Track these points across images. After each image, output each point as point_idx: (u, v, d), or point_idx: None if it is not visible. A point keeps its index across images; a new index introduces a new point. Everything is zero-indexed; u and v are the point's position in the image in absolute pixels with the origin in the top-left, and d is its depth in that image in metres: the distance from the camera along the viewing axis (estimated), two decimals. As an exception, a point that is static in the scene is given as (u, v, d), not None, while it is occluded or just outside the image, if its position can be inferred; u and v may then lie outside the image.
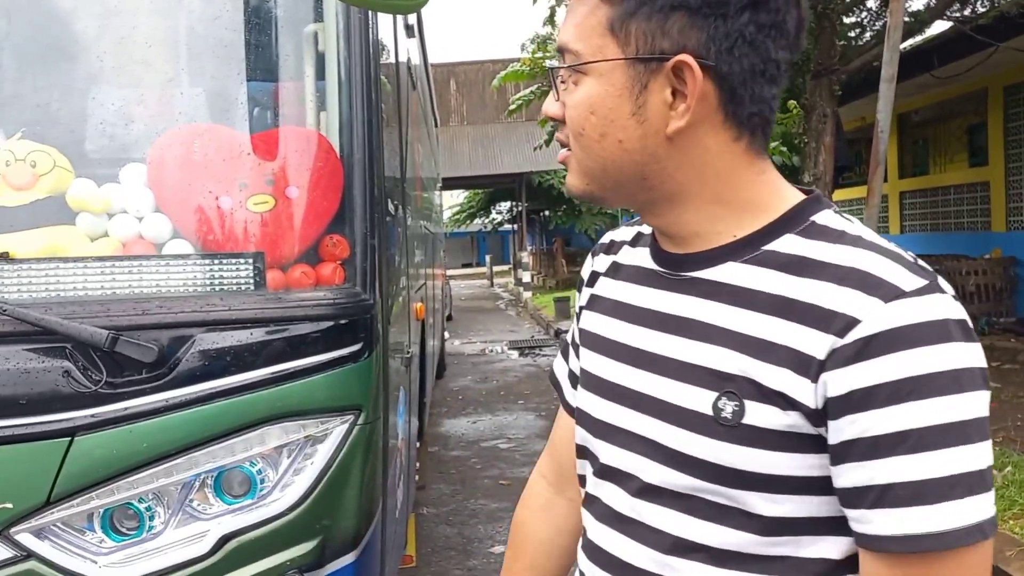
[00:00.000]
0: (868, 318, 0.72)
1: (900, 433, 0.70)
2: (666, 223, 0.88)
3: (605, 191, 0.88)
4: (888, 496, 0.71)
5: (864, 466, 0.72)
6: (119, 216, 2.00)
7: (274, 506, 1.95)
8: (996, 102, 9.34)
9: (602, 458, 0.93)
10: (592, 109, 0.82)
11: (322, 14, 2.17)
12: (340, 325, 2.03)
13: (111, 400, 1.85)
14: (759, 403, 0.77)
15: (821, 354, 0.74)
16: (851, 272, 0.75)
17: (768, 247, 0.82)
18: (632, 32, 0.79)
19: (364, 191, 2.11)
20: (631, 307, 0.93)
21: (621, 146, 0.82)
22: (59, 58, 2.15)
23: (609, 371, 0.93)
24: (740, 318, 0.80)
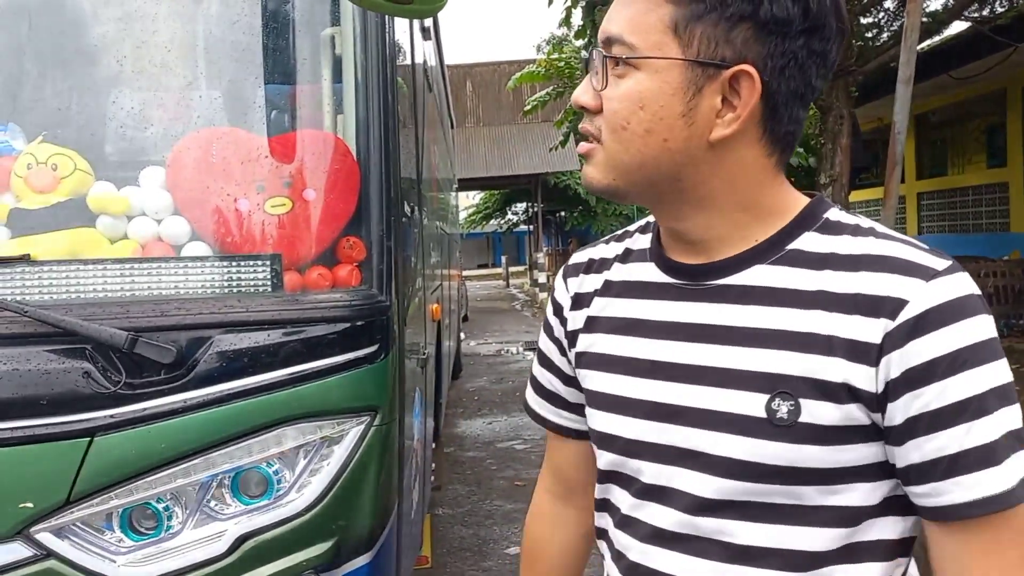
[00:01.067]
0: (914, 298, 0.76)
1: (963, 401, 0.74)
2: (689, 227, 0.88)
3: (632, 187, 0.87)
4: (960, 463, 0.74)
5: (933, 438, 0.75)
6: (138, 218, 2.02)
7: (290, 506, 1.96)
8: (1015, 102, 9.27)
9: (645, 479, 0.91)
10: (642, 104, 0.82)
11: (339, 18, 2.18)
12: (356, 327, 2.04)
13: (130, 401, 1.87)
14: (815, 400, 0.79)
15: (877, 338, 0.76)
16: (884, 259, 0.79)
17: (792, 246, 0.84)
18: (696, 35, 0.80)
19: (380, 193, 2.13)
20: (650, 322, 0.92)
21: (665, 144, 0.83)
22: (80, 62, 2.18)
23: (637, 389, 0.91)
24: (781, 317, 0.82)
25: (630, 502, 0.94)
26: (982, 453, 0.74)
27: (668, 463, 0.88)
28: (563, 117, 14.97)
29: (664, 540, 0.89)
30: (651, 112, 0.82)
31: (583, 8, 7.42)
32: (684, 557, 0.88)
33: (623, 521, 0.95)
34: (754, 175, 0.86)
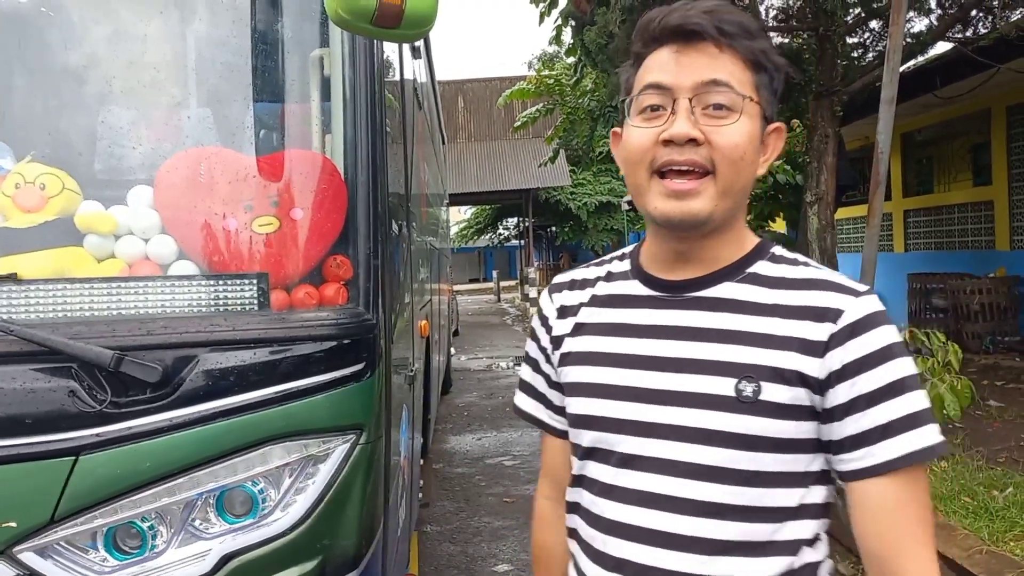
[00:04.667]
0: (849, 309, 1.02)
1: (891, 383, 0.98)
2: (702, 247, 1.10)
3: (725, 212, 1.07)
4: (890, 430, 0.98)
5: (867, 414, 0.99)
6: (126, 237, 2.03)
7: (275, 525, 1.96)
8: (999, 122, 9.35)
9: (625, 450, 1.09)
10: (751, 140, 1.05)
11: (328, 39, 2.20)
12: (343, 345, 2.04)
13: (115, 419, 1.86)
14: (773, 383, 1.01)
15: (824, 337, 1.01)
16: (824, 282, 1.06)
17: (750, 270, 1.10)
18: (762, 97, 1.07)
19: (368, 212, 2.14)
20: (634, 325, 1.13)
21: (752, 173, 1.08)
22: (68, 82, 2.19)
23: (621, 378, 1.11)
24: (746, 322, 1.05)
25: (612, 472, 1.11)
26: (907, 421, 0.98)
27: (648, 436, 1.07)
28: (553, 133, 15.03)
29: (645, 501, 1.07)
30: (754, 147, 1.07)
31: (572, 27, 7.48)
32: (663, 514, 1.06)
33: (604, 490, 1.12)
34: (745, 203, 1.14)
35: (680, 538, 1.04)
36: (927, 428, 0.98)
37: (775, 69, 1.08)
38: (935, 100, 8.80)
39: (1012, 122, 9.20)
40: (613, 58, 6.12)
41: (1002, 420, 5.59)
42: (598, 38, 5.83)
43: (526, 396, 1.33)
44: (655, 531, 1.06)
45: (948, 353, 4.20)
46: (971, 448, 4.60)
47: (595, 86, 12.06)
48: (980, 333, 8.89)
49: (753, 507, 1.03)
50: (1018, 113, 9.09)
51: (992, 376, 7.29)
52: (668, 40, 1.05)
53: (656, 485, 1.06)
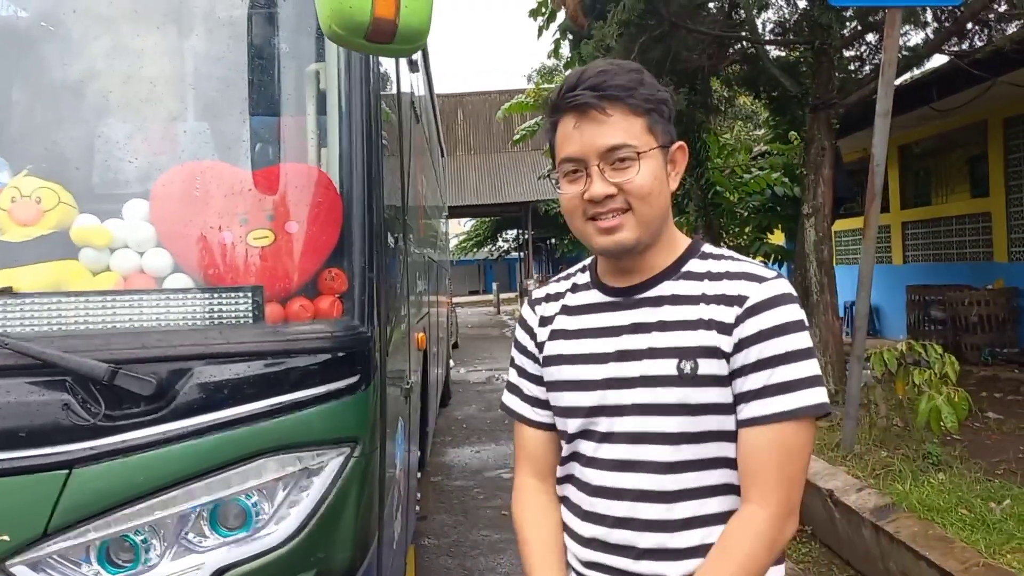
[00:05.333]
0: (752, 294, 1.27)
1: (782, 354, 1.24)
2: (641, 261, 1.35)
3: (648, 235, 1.31)
4: (767, 391, 1.24)
5: (762, 374, 1.24)
6: (121, 251, 2.03)
7: (269, 539, 1.96)
8: (996, 134, 9.38)
9: (602, 429, 1.33)
10: (655, 175, 1.29)
11: (324, 54, 2.22)
12: (337, 358, 2.05)
13: (109, 433, 1.87)
14: (706, 359, 1.26)
15: (731, 319, 1.27)
16: (738, 274, 1.31)
17: (684, 269, 1.35)
18: (658, 132, 1.30)
19: (363, 225, 2.15)
20: (597, 328, 1.37)
21: (665, 199, 1.32)
22: (65, 96, 2.20)
23: (593, 372, 1.35)
24: (681, 312, 1.31)
25: (593, 447, 1.35)
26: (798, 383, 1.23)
27: (618, 415, 1.32)
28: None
29: (619, 466, 1.32)
30: (660, 180, 1.30)
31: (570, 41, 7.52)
32: (633, 475, 1.31)
33: (589, 461, 1.36)
34: (671, 215, 1.38)
35: (647, 493, 1.29)
36: (801, 392, 1.23)
37: (660, 103, 1.31)
38: (932, 113, 8.82)
39: (1009, 134, 9.23)
40: (611, 71, 6.14)
41: (1001, 432, 5.58)
42: (595, 52, 5.87)
43: (512, 396, 1.56)
44: (627, 489, 1.31)
45: (945, 365, 4.20)
46: (969, 460, 4.59)
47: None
48: (979, 345, 8.88)
49: (701, 459, 1.28)
50: (1015, 125, 9.12)
51: (991, 388, 7.28)
52: (567, 112, 1.30)
53: (627, 453, 1.31)
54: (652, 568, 1.30)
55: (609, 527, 1.33)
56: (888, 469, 4.31)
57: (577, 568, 1.40)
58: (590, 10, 6.54)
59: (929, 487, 3.93)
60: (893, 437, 4.91)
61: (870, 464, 4.42)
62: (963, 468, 4.36)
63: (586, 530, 1.36)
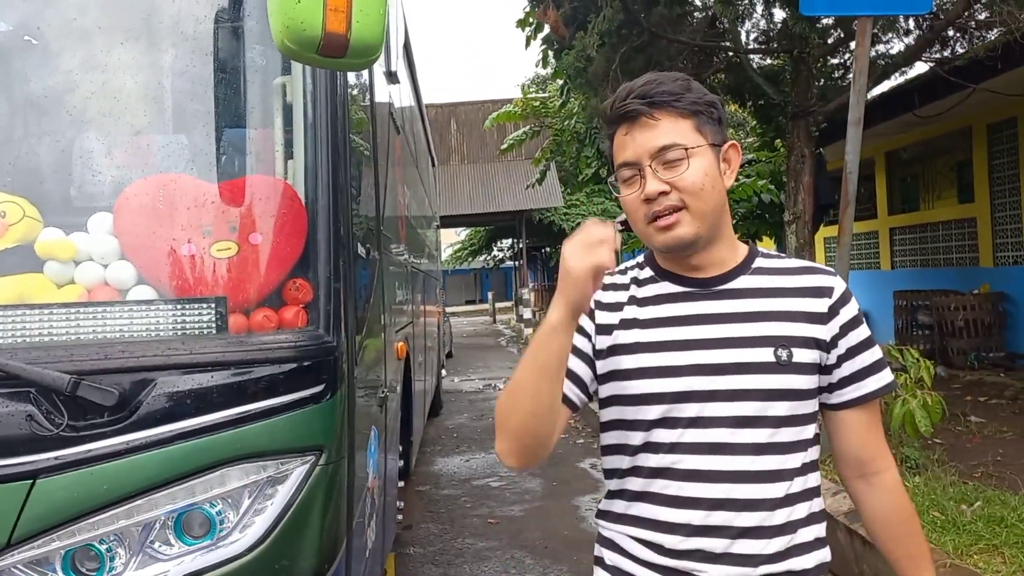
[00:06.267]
0: (835, 286, 1.42)
1: (865, 339, 1.41)
2: (709, 255, 1.41)
3: (706, 230, 1.37)
4: (873, 368, 1.41)
5: (857, 358, 1.40)
6: (85, 263, 2.06)
7: (234, 546, 1.98)
8: (980, 140, 9.44)
9: (691, 414, 1.36)
10: (706, 172, 1.35)
11: (290, 67, 2.24)
12: (302, 367, 2.07)
13: (73, 443, 1.89)
14: (800, 348, 1.36)
15: (824, 309, 1.39)
16: (808, 268, 1.45)
17: (755, 265, 1.44)
18: (707, 132, 1.37)
19: (329, 236, 2.17)
20: (679, 317, 1.41)
21: (719, 193, 1.37)
22: (29, 110, 2.23)
23: (678, 359, 1.38)
24: (766, 304, 1.39)
25: (678, 433, 1.37)
26: (878, 364, 1.42)
27: (709, 400, 1.36)
28: (540, 155, 15.11)
29: (713, 449, 1.36)
30: (711, 176, 1.36)
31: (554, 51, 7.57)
32: (729, 457, 1.35)
33: (673, 447, 1.38)
34: (729, 215, 1.45)
35: (744, 473, 1.35)
36: (887, 370, 1.43)
37: (708, 106, 1.38)
38: (916, 119, 8.88)
39: (993, 140, 9.29)
40: (592, 81, 6.20)
41: (982, 436, 5.61)
42: (576, 62, 5.91)
43: None
44: (725, 471, 1.35)
45: (921, 369, 4.24)
46: (947, 463, 4.62)
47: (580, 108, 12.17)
48: (965, 349, 8.92)
49: (792, 442, 1.37)
50: (998, 131, 9.18)
51: (976, 392, 7.31)
52: (620, 122, 1.38)
53: (721, 436, 1.36)
54: (750, 547, 1.35)
55: (707, 510, 1.35)
56: (866, 473, 4.32)
57: (662, 563, 1.39)
58: (571, 21, 6.58)
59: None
60: (873, 442, 4.93)
61: (848, 468, 4.43)
62: (940, 471, 4.39)
63: (678, 516, 1.38)
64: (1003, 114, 8.84)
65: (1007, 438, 5.54)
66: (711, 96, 1.40)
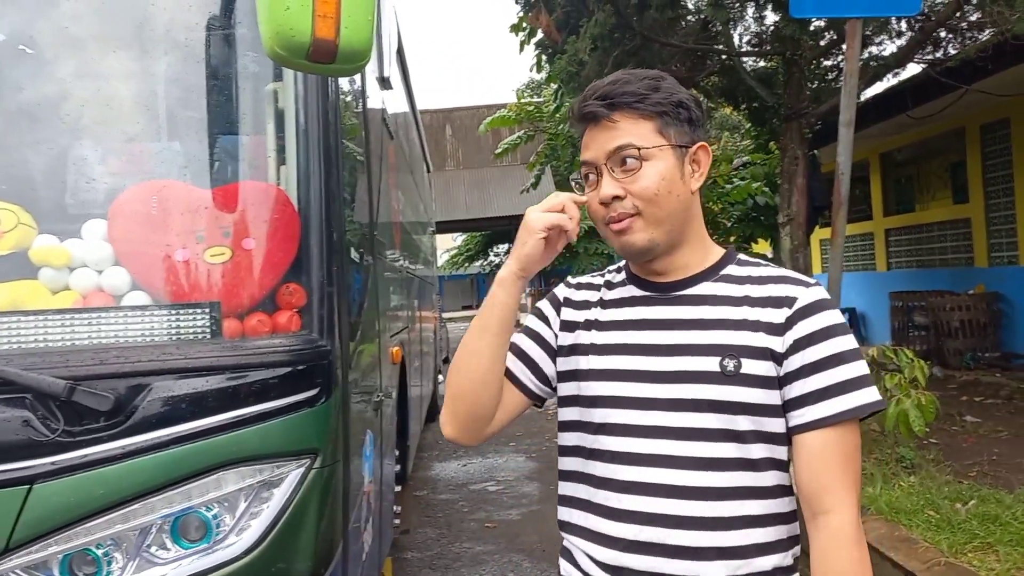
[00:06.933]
0: (800, 296, 1.29)
1: (828, 356, 1.24)
2: (671, 261, 1.36)
3: (662, 237, 1.32)
4: (828, 392, 1.24)
5: (811, 379, 1.24)
6: (80, 270, 2.07)
7: (230, 550, 1.99)
8: (974, 140, 9.48)
9: (632, 421, 1.32)
10: (662, 176, 1.30)
11: (281, 73, 2.26)
12: (296, 371, 2.08)
13: (69, 448, 1.90)
14: (750, 359, 1.26)
15: (781, 319, 1.28)
16: (782, 277, 1.34)
17: (723, 272, 1.37)
18: (671, 133, 1.32)
19: (322, 241, 2.19)
20: (636, 320, 1.37)
21: (678, 199, 1.32)
22: (22, 118, 2.24)
23: (624, 363, 1.34)
24: (724, 312, 1.31)
25: (620, 441, 1.33)
26: (841, 386, 1.23)
27: (649, 409, 1.30)
28: (535, 160, 15.13)
29: (653, 461, 1.29)
30: (668, 180, 1.30)
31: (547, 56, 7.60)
32: (667, 470, 1.28)
33: (614, 456, 1.33)
34: (701, 218, 1.40)
35: (683, 488, 1.27)
36: (859, 392, 1.24)
37: (676, 106, 1.32)
38: (910, 120, 8.92)
39: (986, 140, 9.33)
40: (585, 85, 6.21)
41: (977, 435, 5.63)
42: (569, 66, 5.94)
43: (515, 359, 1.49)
44: (661, 484, 1.28)
45: (915, 369, 4.26)
46: (943, 463, 4.63)
47: (574, 113, 12.14)
48: (961, 350, 8.95)
49: (736, 459, 1.26)
50: (991, 131, 9.22)
51: (972, 392, 7.34)
52: (583, 122, 1.36)
53: (661, 448, 1.29)
54: (685, 568, 1.26)
55: (641, 524, 1.29)
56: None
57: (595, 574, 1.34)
58: (563, 25, 6.61)
59: (899, 490, 3.98)
60: (868, 441, 4.96)
61: (844, 468, 4.44)
62: (935, 471, 4.40)
63: (615, 529, 1.32)
64: (996, 115, 8.88)
65: (1002, 437, 5.56)
66: (681, 96, 1.34)
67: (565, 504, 1.44)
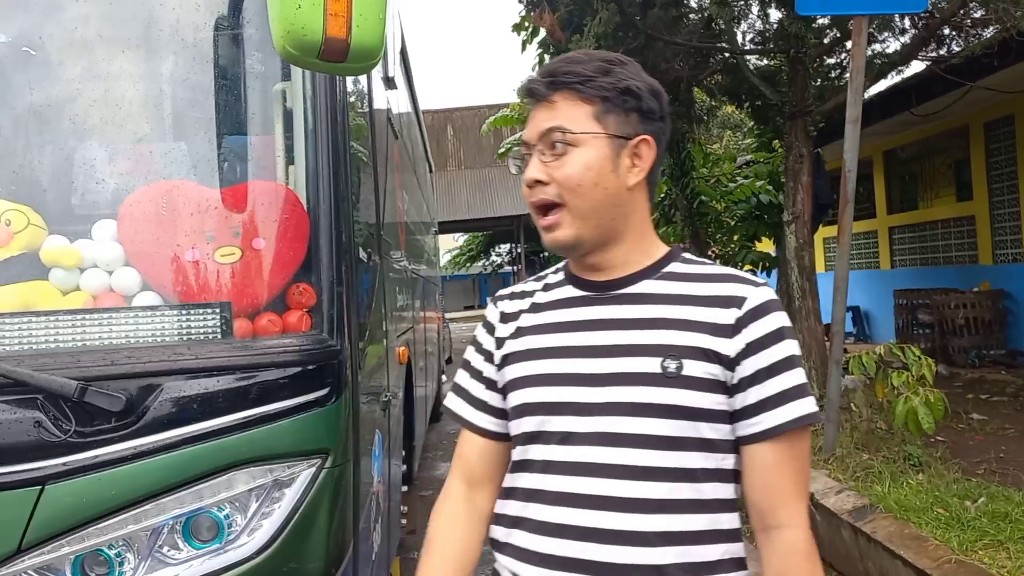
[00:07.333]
0: (751, 296, 1.20)
1: (784, 359, 1.18)
2: (606, 257, 1.27)
3: (588, 232, 1.23)
4: (785, 397, 1.16)
5: (767, 384, 1.17)
6: (90, 270, 2.07)
7: (242, 550, 1.99)
8: (978, 137, 9.46)
9: (563, 428, 1.23)
10: (588, 166, 1.21)
11: (290, 72, 2.26)
12: (307, 371, 2.08)
13: (81, 449, 1.90)
14: (692, 360, 1.17)
15: (732, 320, 1.19)
16: (729, 275, 1.25)
17: (666, 270, 1.28)
18: (609, 121, 1.22)
19: (331, 240, 2.18)
20: (570, 322, 1.28)
21: (605, 192, 1.22)
22: (32, 120, 2.24)
23: (562, 367, 1.25)
24: (665, 311, 1.22)
25: (553, 450, 1.24)
26: (796, 391, 1.17)
27: (587, 415, 1.21)
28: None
29: (586, 470, 1.20)
30: (595, 170, 1.21)
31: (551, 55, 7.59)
32: (601, 480, 1.19)
33: (546, 466, 1.24)
34: (644, 214, 1.29)
35: (617, 500, 1.18)
36: (808, 399, 1.18)
37: (623, 93, 1.22)
38: (914, 118, 8.90)
39: (990, 137, 9.31)
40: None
41: (984, 433, 5.62)
42: (573, 65, 5.91)
43: (461, 400, 1.44)
44: (596, 496, 1.19)
45: (922, 367, 4.25)
46: (950, 461, 4.62)
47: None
48: (966, 347, 8.93)
49: (676, 468, 1.17)
50: (995, 129, 9.20)
51: (977, 390, 7.32)
52: (528, 98, 1.28)
53: (594, 455, 1.20)
54: None
55: (574, 540, 1.19)
56: (868, 471, 4.34)
57: None
58: (567, 24, 6.60)
59: (908, 488, 3.97)
60: (875, 440, 4.95)
61: (851, 467, 4.45)
62: (942, 468, 4.39)
63: (545, 545, 1.21)
64: (1000, 112, 8.86)
65: (1009, 435, 5.54)
66: (632, 83, 1.23)
67: (495, 522, 1.33)
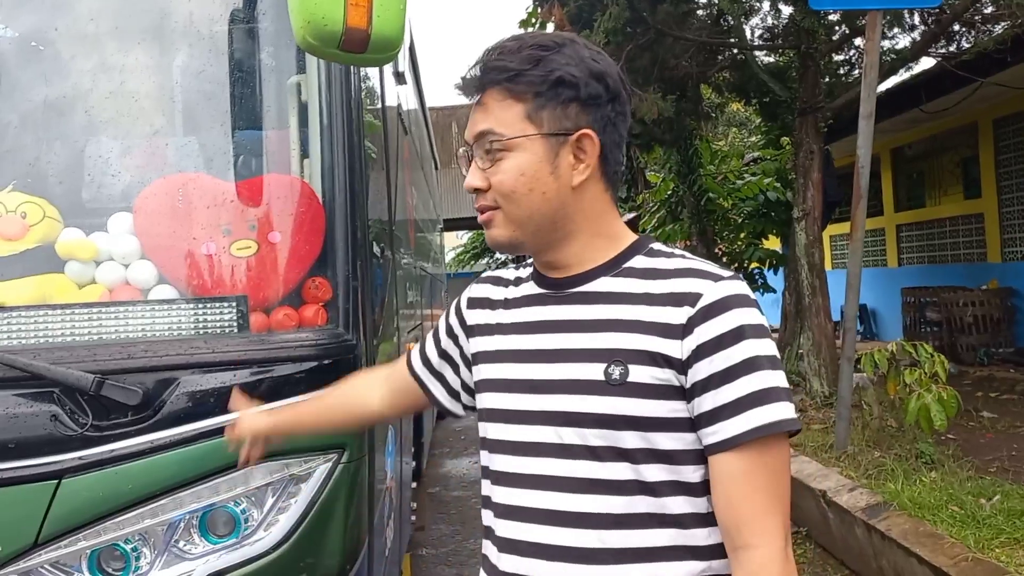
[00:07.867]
0: (706, 292, 1.07)
1: (743, 362, 1.04)
2: (559, 256, 1.18)
3: (526, 236, 1.16)
4: (743, 404, 1.03)
5: (723, 389, 1.04)
6: (106, 263, 2.06)
7: (258, 545, 1.98)
8: (987, 135, 9.42)
9: (512, 438, 1.17)
10: (522, 172, 1.11)
11: (305, 66, 2.25)
12: (323, 365, 2.07)
13: (97, 443, 1.89)
14: (640, 365, 1.07)
15: (682, 320, 1.07)
16: (688, 270, 1.11)
17: (626, 265, 1.16)
18: (544, 118, 1.11)
19: (346, 235, 2.17)
20: (529, 323, 1.20)
21: (544, 197, 1.12)
22: (48, 112, 2.23)
23: (517, 372, 1.19)
24: (616, 311, 1.12)
25: (504, 460, 1.19)
26: (760, 396, 1.03)
27: (536, 424, 1.15)
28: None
29: (536, 483, 1.14)
30: (529, 176, 1.11)
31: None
32: (551, 494, 1.12)
33: (499, 477, 1.20)
34: (601, 207, 1.18)
35: (567, 515, 1.11)
36: (776, 405, 1.04)
37: (556, 84, 1.10)
38: (922, 115, 8.87)
39: (999, 135, 9.27)
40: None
41: (995, 431, 5.60)
42: (582, 61, 5.90)
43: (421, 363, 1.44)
44: (544, 510, 1.13)
45: (935, 364, 4.23)
46: (962, 459, 4.61)
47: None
48: (975, 345, 8.90)
49: (631, 481, 1.08)
50: (1004, 126, 9.16)
51: (986, 388, 7.30)
52: None
53: (544, 467, 1.13)
54: None
55: (526, 556, 1.13)
56: (880, 469, 4.33)
57: None
58: (576, 19, 6.59)
59: (921, 485, 3.95)
60: (887, 437, 4.93)
61: (863, 464, 4.44)
62: (955, 466, 4.38)
63: (506, 563, 1.16)
64: (1009, 109, 8.82)
65: (1021, 433, 5.52)
66: (565, 71, 1.10)
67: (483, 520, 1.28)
